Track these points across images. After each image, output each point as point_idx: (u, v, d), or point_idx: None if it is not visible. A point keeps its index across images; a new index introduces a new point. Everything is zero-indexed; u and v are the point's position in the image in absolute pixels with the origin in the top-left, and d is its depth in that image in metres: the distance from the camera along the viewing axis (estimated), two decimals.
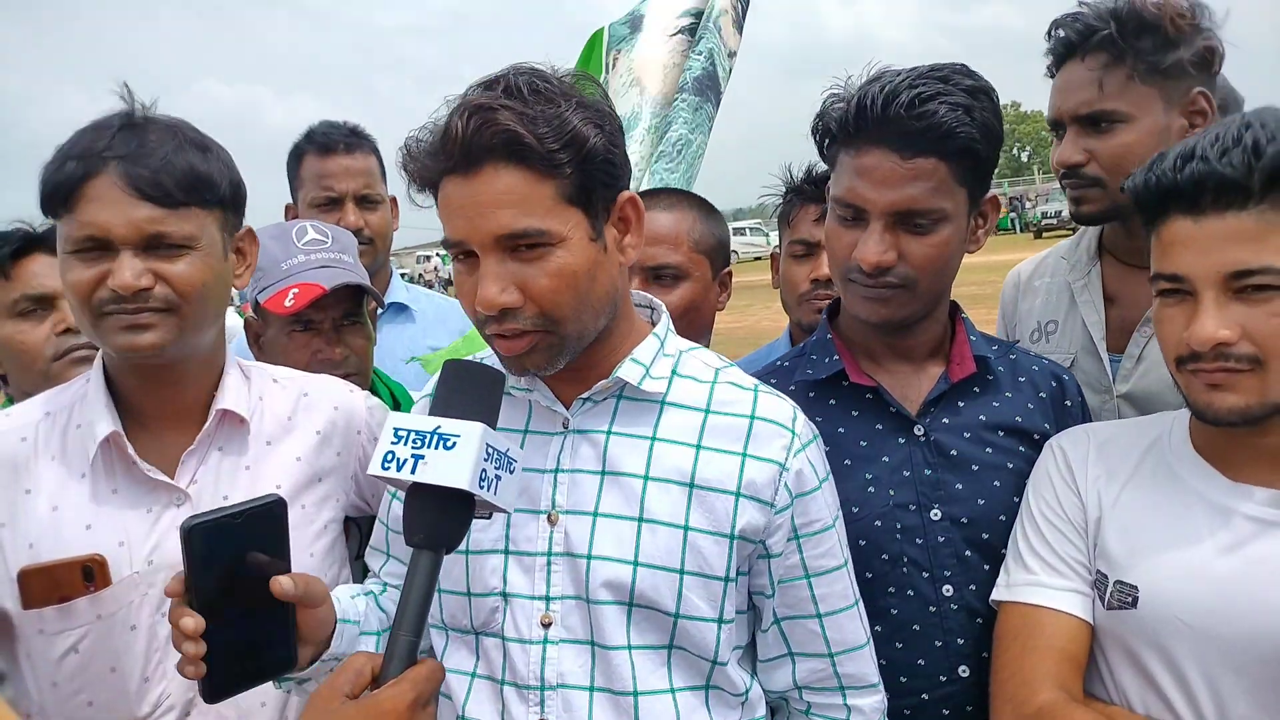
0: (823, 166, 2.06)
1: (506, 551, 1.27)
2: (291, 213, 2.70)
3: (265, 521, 1.09)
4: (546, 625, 1.25)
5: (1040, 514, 1.43)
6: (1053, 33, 1.85)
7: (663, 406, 1.30)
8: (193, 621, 1.03)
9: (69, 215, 1.32)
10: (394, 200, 2.70)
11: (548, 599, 1.25)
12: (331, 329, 1.89)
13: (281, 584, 1.08)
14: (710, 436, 1.29)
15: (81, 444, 1.39)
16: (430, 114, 1.20)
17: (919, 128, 1.39)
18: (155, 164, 1.33)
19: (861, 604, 1.39)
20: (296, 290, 1.83)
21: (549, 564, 1.26)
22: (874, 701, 1.39)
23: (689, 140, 3.07)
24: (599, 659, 1.24)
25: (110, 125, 1.35)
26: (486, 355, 1.37)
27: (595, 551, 1.24)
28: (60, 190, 1.31)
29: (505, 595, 1.26)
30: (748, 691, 1.34)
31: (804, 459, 1.31)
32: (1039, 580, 1.39)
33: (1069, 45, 1.82)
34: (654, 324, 1.38)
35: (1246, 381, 1.19)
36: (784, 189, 2.28)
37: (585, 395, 1.29)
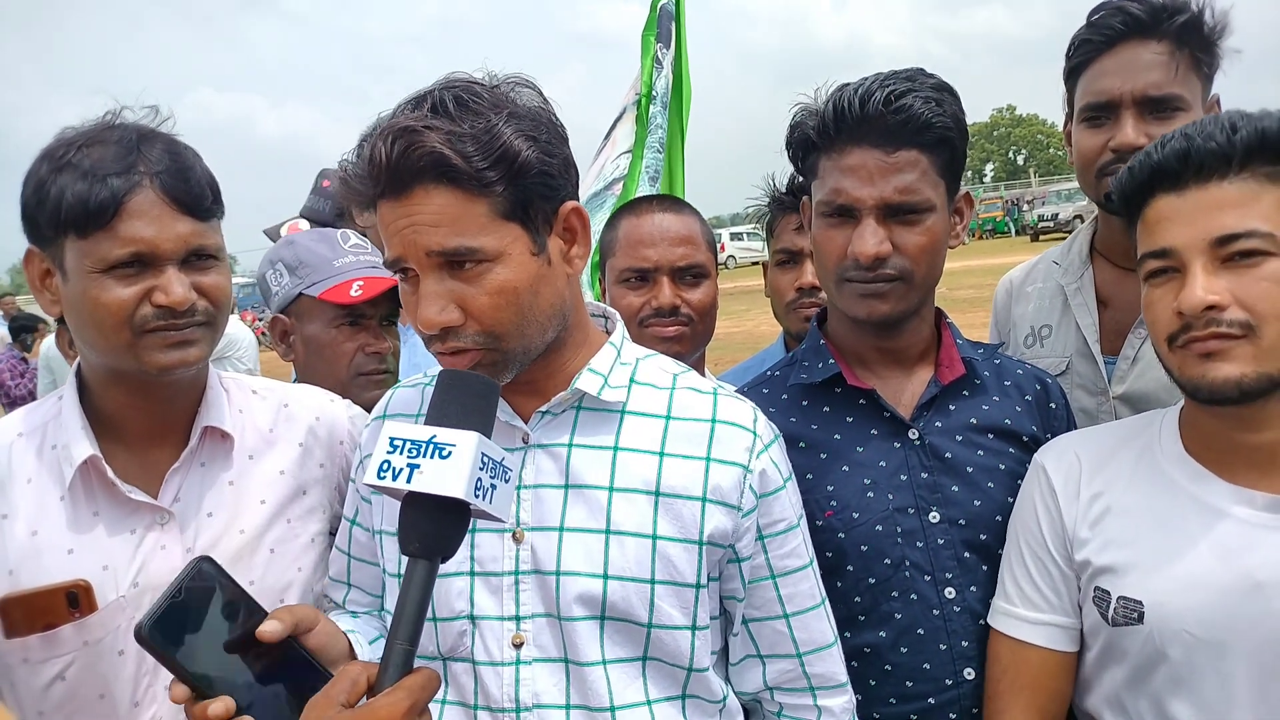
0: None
1: (472, 573, 1.25)
2: (352, 216, 2.78)
3: (204, 580, 1.10)
4: (518, 645, 1.23)
5: (1024, 542, 1.44)
6: (1109, 10, 1.77)
7: (623, 415, 1.29)
8: (221, 705, 1.03)
9: (103, 233, 1.27)
10: None
11: (518, 619, 1.23)
12: (378, 325, 1.98)
13: (267, 628, 1.08)
14: (673, 443, 1.27)
15: (58, 466, 1.36)
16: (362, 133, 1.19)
17: (898, 121, 1.43)
18: (189, 177, 1.33)
19: (828, 604, 1.39)
20: (362, 283, 1.92)
21: (517, 583, 1.23)
22: (843, 701, 1.38)
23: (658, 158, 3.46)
24: (574, 676, 1.22)
25: (128, 138, 1.32)
26: None
27: (564, 567, 1.22)
28: (101, 207, 1.27)
29: (473, 618, 1.24)
30: (725, 699, 1.33)
31: (767, 459, 1.30)
32: (1019, 614, 1.42)
33: (1136, 24, 1.74)
34: (609, 333, 1.37)
35: (1240, 349, 1.18)
36: (767, 199, 2.29)
37: (544, 409, 1.28)
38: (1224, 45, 1.75)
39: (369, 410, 1.55)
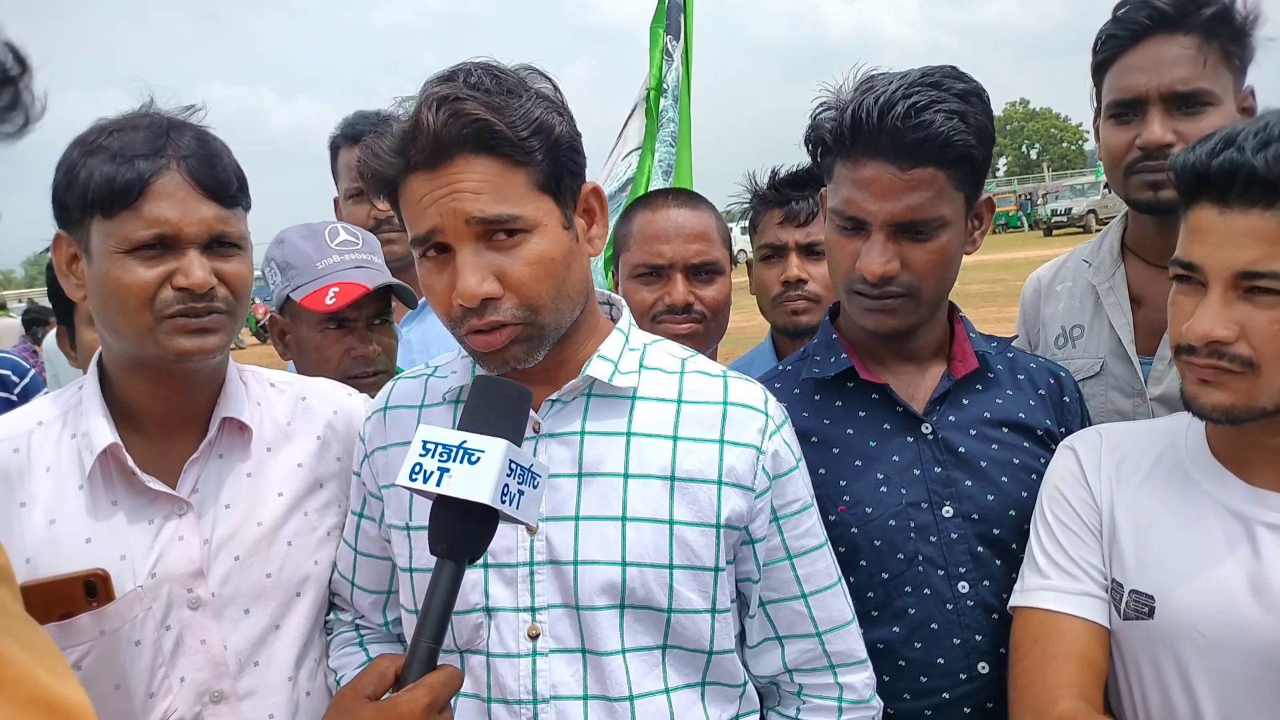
0: (784, 170, 2.14)
1: (485, 565, 1.25)
2: (339, 206, 2.76)
3: None
4: (534, 637, 1.23)
5: (1054, 517, 1.41)
6: (1135, 4, 1.73)
7: (634, 401, 1.29)
8: None
9: (129, 213, 1.29)
10: None
11: (533, 610, 1.23)
12: (364, 327, 1.95)
13: None
14: (686, 427, 1.27)
15: (78, 455, 1.36)
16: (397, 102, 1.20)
17: (917, 139, 1.38)
18: (215, 163, 1.35)
19: (844, 583, 1.39)
20: (337, 289, 1.88)
21: (532, 574, 1.24)
22: (864, 678, 1.38)
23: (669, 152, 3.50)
24: (591, 666, 1.22)
25: (159, 124, 1.34)
26: None
27: (581, 556, 1.22)
28: (127, 187, 1.28)
29: (489, 610, 1.24)
30: (745, 684, 1.33)
31: (779, 440, 1.30)
32: (1054, 585, 1.36)
33: (1163, 18, 1.69)
34: (614, 320, 1.38)
35: (1236, 383, 1.17)
36: (749, 196, 2.30)
37: (554, 397, 1.28)
38: (1258, 35, 1.71)
39: None
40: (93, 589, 1.30)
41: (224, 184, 1.35)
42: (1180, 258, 1.23)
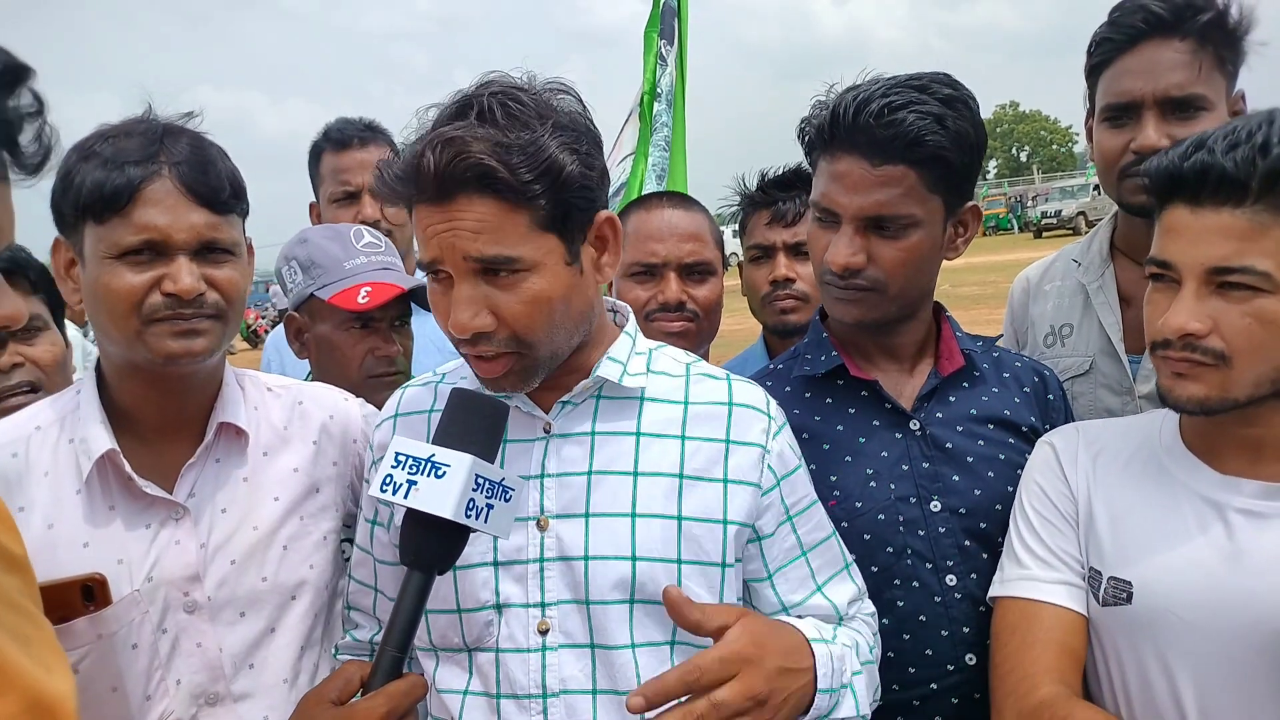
0: (773, 173, 2.19)
1: (496, 563, 1.26)
2: (315, 211, 2.76)
3: None
4: (544, 632, 1.24)
5: (1032, 508, 1.44)
6: (1130, 8, 1.74)
7: (642, 402, 1.32)
8: None
9: (119, 219, 1.30)
10: None
11: (543, 605, 1.24)
12: (388, 328, 1.97)
13: None
14: (693, 427, 1.30)
15: (75, 460, 1.37)
16: (405, 130, 1.21)
17: (887, 135, 1.42)
18: (208, 169, 1.35)
19: (852, 566, 1.42)
20: (369, 288, 1.90)
21: (542, 570, 1.25)
22: (867, 606, 1.43)
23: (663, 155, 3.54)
24: (600, 660, 1.23)
25: (153, 130, 1.35)
26: None
27: (593, 552, 1.24)
28: (117, 193, 1.29)
29: (499, 606, 1.25)
30: None
31: (782, 440, 1.34)
32: (1032, 574, 1.39)
33: (1158, 22, 1.70)
34: (619, 326, 1.40)
35: (1209, 375, 1.21)
36: (738, 198, 2.33)
37: (565, 398, 1.30)
38: (1249, 39, 1.72)
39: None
40: (90, 593, 1.31)
41: (216, 190, 1.35)
42: (1155, 256, 1.26)
